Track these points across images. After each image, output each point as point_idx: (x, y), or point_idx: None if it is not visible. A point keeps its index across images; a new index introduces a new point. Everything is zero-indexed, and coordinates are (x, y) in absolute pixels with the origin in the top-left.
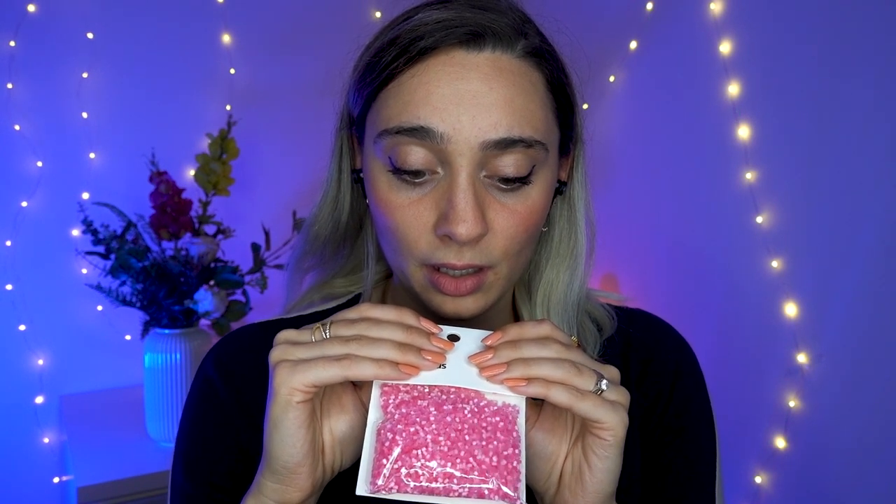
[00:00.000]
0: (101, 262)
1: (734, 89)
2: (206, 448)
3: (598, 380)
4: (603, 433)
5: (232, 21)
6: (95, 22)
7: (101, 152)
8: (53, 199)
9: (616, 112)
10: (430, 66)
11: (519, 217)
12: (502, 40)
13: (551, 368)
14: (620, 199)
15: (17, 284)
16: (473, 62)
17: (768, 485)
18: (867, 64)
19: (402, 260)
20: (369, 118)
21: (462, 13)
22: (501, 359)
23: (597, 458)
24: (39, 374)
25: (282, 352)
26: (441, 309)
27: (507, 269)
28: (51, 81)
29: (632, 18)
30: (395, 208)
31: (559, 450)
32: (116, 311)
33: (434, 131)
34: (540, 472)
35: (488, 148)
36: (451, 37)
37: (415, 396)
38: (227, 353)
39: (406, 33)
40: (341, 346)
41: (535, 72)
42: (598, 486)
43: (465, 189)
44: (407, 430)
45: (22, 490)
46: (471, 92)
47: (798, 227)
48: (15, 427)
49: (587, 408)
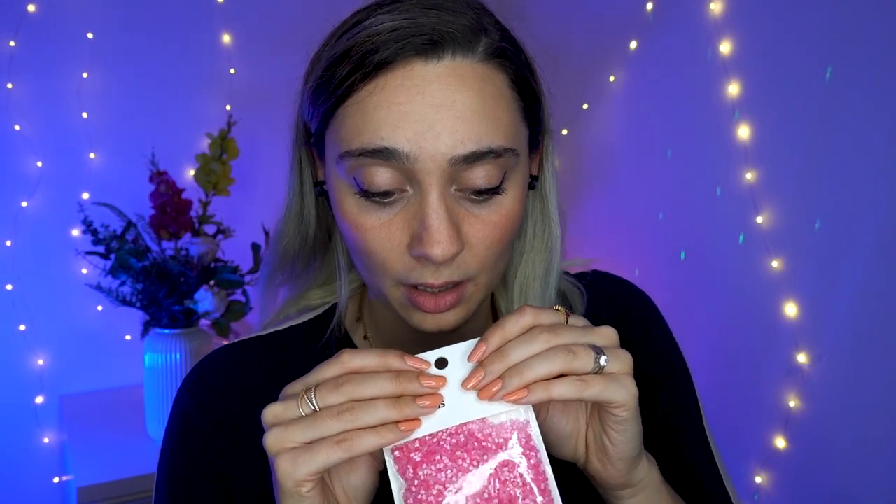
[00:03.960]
0: (101, 262)
1: (734, 89)
2: (187, 487)
3: (596, 355)
4: (615, 410)
5: (232, 21)
6: (95, 22)
7: (101, 152)
8: (53, 199)
9: (616, 112)
10: (389, 81)
11: (494, 227)
12: (462, 45)
13: (545, 364)
14: (620, 199)
15: (17, 284)
16: (433, 73)
17: (768, 485)
18: (867, 64)
19: (378, 280)
20: (328, 136)
21: (416, 18)
22: (493, 374)
23: (614, 432)
24: (39, 374)
25: (276, 439)
26: (422, 326)
27: (487, 279)
28: (51, 81)
29: (632, 18)
30: (367, 230)
31: (578, 426)
32: (116, 311)
33: (399, 151)
34: (566, 448)
35: (457, 163)
36: (408, 48)
37: (428, 451)
38: (202, 383)
39: (359, 45)
40: (336, 421)
41: (498, 74)
42: (622, 454)
43: (437, 208)
44: (430, 494)
45: (22, 490)
46: (434, 106)
47: (798, 227)
48: (15, 427)
49: (594, 393)
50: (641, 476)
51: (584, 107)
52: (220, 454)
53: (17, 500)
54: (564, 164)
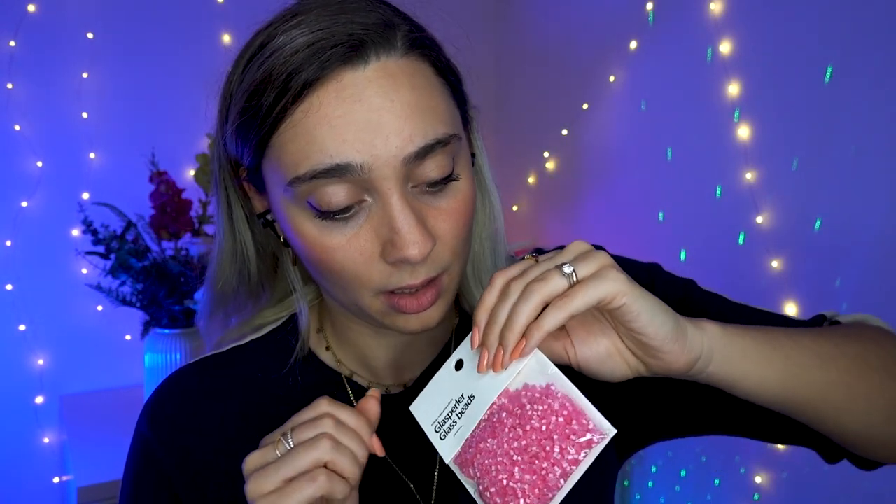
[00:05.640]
0: (101, 262)
1: (734, 89)
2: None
3: (565, 269)
4: (615, 304)
5: (232, 21)
6: (95, 22)
7: (101, 152)
8: (53, 199)
9: (616, 112)
10: (321, 97)
11: (457, 214)
12: (382, 44)
13: (525, 305)
14: (620, 198)
15: (17, 284)
16: (364, 78)
17: (768, 485)
18: (867, 64)
19: (355, 295)
20: (267, 166)
21: (329, 27)
22: (494, 345)
23: (634, 322)
24: (39, 374)
25: (255, 485)
26: (407, 328)
27: (459, 266)
28: (51, 81)
29: (632, 18)
30: (334, 250)
31: (609, 343)
32: (116, 311)
33: (352, 165)
34: (617, 368)
35: (410, 161)
36: (333, 59)
37: (476, 444)
38: (162, 410)
39: (279, 68)
40: (312, 451)
41: (422, 63)
42: (661, 337)
43: (402, 210)
44: (493, 477)
45: (22, 490)
46: (374, 111)
47: (798, 227)
48: (15, 427)
49: (581, 302)
50: (699, 344)
51: (584, 107)
52: (178, 482)
53: (17, 500)
54: (564, 164)
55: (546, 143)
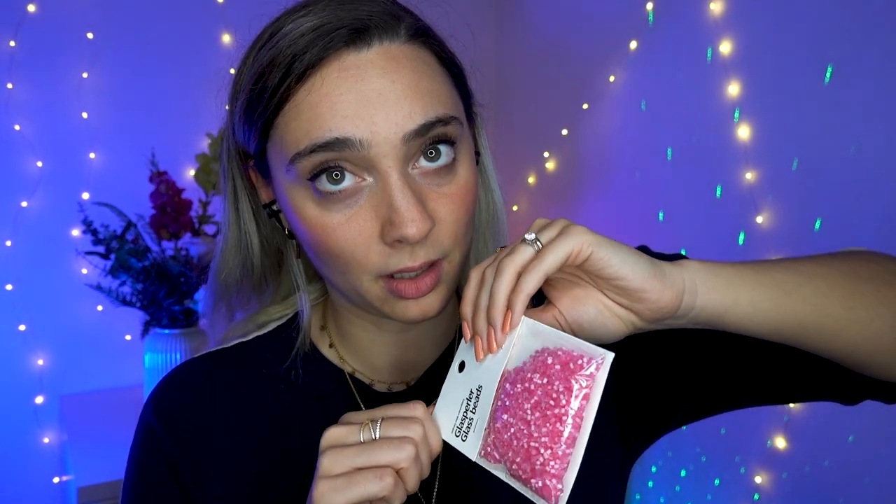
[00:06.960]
0: (101, 262)
1: (734, 89)
2: (147, 500)
3: (526, 240)
4: (582, 254)
5: (232, 21)
6: (95, 22)
7: (101, 152)
8: (53, 199)
9: (616, 112)
10: (325, 76)
11: (458, 199)
12: (386, 30)
13: (502, 281)
14: (620, 198)
15: (17, 284)
16: (366, 59)
17: (768, 485)
18: (867, 64)
19: (354, 279)
20: (271, 150)
21: (335, 12)
22: (483, 329)
23: (607, 268)
24: (39, 374)
25: (331, 461)
26: (406, 315)
27: (459, 255)
28: (51, 81)
29: (632, 18)
30: (334, 229)
31: (596, 301)
32: (116, 311)
33: (352, 139)
34: (611, 325)
35: (410, 139)
36: (336, 41)
37: (496, 432)
38: (168, 399)
39: (284, 50)
40: (393, 451)
41: (424, 50)
42: (639, 280)
43: (402, 188)
44: (517, 453)
45: (22, 490)
46: (375, 90)
47: (798, 227)
48: (15, 427)
49: (550, 261)
50: (679, 278)
51: (585, 107)
52: (183, 470)
53: (17, 500)
54: (564, 164)
55: (546, 142)
